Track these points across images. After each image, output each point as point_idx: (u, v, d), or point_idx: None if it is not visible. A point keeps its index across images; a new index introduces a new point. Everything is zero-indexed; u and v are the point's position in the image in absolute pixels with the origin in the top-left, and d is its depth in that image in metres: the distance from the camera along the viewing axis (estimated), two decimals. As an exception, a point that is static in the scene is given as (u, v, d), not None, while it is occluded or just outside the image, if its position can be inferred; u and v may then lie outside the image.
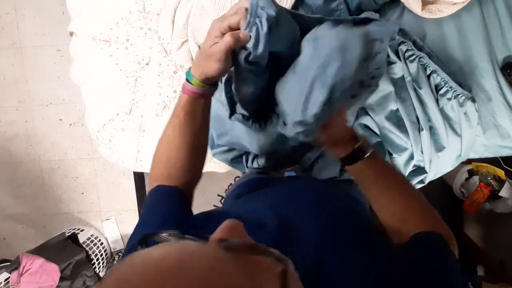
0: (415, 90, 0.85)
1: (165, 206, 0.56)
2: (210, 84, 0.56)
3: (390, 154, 0.90)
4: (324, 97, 0.48)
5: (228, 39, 0.49)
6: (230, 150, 0.85)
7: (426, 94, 0.84)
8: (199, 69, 0.54)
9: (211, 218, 0.53)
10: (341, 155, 0.58)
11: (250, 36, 0.49)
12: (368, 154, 0.57)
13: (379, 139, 0.89)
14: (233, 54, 0.51)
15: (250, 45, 0.49)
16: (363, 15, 0.72)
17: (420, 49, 0.83)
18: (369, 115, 0.88)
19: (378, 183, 0.58)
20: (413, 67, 0.84)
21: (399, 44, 0.83)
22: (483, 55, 0.87)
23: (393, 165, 0.88)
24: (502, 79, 0.87)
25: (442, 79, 0.83)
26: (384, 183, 0.58)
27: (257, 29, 0.48)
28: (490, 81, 0.88)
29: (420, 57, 0.82)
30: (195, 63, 0.56)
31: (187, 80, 0.56)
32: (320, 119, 0.51)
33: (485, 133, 0.91)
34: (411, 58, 0.83)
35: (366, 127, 0.89)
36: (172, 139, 0.59)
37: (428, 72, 0.84)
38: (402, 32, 0.82)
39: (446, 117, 0.87)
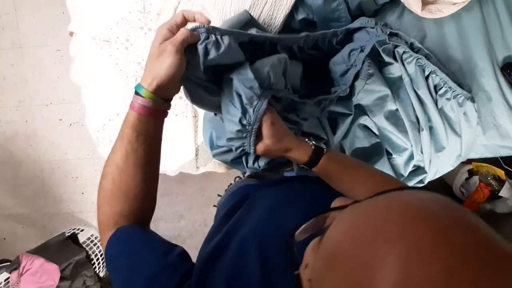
0: (414, 90, 0.85)
1: (158, 243, 0.50)
2: (163, 98, 0.50)
3: (390, 154, 0.90)
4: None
5: (183, 31, 0.46)
6: (230, 150, 0.84)
7: (424, 94, 0.84)
8: (149, 76, 0.48)
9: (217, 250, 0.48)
10: (305, 159, 0.58)
11: (206, 35, 0.49)
12: (325, 148, 0.58)
13: (378, 140, 0.89)
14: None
15: (207, 46, 0.50)
16: (358, 22, 0.73)
17: (417, 51, 0.83)
18: (367, 115, 0.88)
19: (345, 171, 0.59)
20: (411, 68, 0.84)
21: (395, 47, 0.83)
22: (483, 55, 0.87)
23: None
24: (502, 79, 0.87)
25: (441, 80, 0.83)
26: (348, 168, 0.60)
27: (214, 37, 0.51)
28: (490, 81, 0.88)
29: (418, 59, 0.82)
30: (144, 71, 0.49)
31: (136, 93, 0.49)
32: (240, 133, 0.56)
33: (485, 133, 0.91)
34: (408, 60, 0.84)
35: (365, 127, 0.89)
36: (125, 169, 0.50)
37: (427, 73, 0.84)
38: (398, 36, 0.82)
39: (445, 117, 0.87)
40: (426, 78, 0.84)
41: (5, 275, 1.60)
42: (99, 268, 1.81)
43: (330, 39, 0.73)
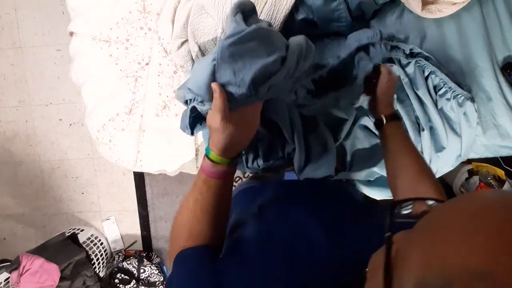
0: (413, 90, 0.85)
1: (203, 263, 0.52)
2: (231, 158, 0.56)
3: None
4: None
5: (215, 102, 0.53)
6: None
7: (423, 95, 0.84)
8: (214, 141, 0.55)
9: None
10: (388, 112, 0.70)
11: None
12: (401, 119, 0.70)
13: (378, 140, 0.89)
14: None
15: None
16: (364, 35, 0.73)
17: (417, 54, 0.84)
18: (368, 116, 0.88)
19: (405, 143, 0.68)
20: (410, 68, 0.84)
21: (391, 51, 0.84)
22: (483, 55, 0.87)
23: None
24: (502, 79, 0.87)
25: (441, 80, 0.83)
26: (408, 143, 0.68)
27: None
28: (490, 81, 0.88)
29: (417, 60, 0.83)
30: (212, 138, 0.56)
31: (206, 156, 0.56)
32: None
33: (485, 133, 0.91)
34: (404, 63, 0.84)
35: (366, 127, 0.89)
36: (194, 212, 0.56)
37: (426, 73, 0.84)
38: (398, 47, 0.83)
39: (445, 117, 0.87)
40: (426, 78, 0.84)
41: (5, 275, 1.60)
42: (99, 268, 1.81)
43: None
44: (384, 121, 0.69)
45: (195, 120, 0.66)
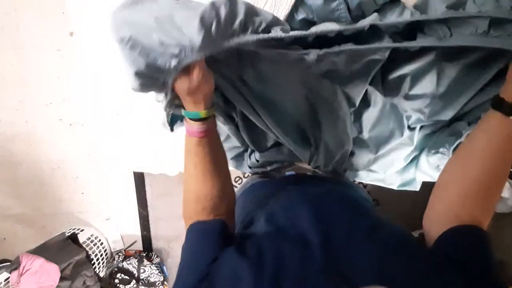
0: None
1: (207, 242, 0.56)
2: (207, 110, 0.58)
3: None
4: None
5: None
6: (230, 149, 0.85)
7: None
8: (197, 100, 0.58)
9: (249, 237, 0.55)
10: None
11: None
12: None
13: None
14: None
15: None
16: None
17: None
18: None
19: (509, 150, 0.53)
20: None
21: None
22: (483, 55, 0.87)
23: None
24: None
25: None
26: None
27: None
28: (490, 81, 0.88)
29: None
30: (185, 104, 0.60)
31: (192, 120, 0.60)
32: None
33: (485, 133, 0.91)
34: None
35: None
36: (196, 176, 0.62)
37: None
38: None
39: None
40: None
41: (5, 275, 1.60)
42: (99, 268, 1.81)
43: None
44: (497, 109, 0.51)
45: (174, 118, 0.68)
